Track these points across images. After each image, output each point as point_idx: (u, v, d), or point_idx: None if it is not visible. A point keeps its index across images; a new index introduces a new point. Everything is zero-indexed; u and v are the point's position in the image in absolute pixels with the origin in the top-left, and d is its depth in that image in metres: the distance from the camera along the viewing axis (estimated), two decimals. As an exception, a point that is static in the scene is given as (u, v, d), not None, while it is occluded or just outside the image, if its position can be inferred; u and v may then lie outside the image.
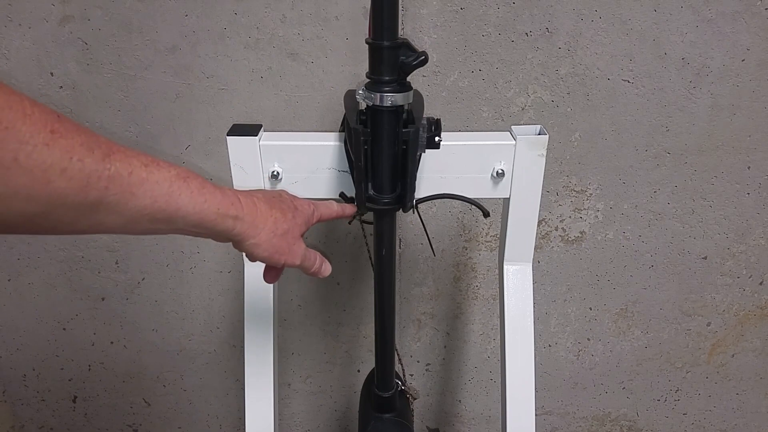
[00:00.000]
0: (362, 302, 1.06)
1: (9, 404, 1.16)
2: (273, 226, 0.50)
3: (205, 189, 0.44)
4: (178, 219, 0.42)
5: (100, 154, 0.35)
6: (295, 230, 0.53)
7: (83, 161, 0.34)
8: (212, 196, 0.44)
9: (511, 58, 0.86)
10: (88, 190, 0.35)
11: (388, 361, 0.75)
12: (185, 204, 0.42)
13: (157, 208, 0.40)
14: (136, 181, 0.38)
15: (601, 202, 0.98)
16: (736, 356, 1.14)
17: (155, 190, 0.39)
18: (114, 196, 0.37)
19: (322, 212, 0.60)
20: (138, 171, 0.38)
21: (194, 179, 0.43)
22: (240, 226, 0.47)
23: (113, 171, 0.36)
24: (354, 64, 0.86)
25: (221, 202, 0.45)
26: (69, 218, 0.36)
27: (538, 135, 0.64)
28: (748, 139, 0.93)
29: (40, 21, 0.82)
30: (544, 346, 1.12)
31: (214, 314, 1.07)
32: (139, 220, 0.39)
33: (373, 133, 0.58)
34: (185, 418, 1.18)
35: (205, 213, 0.43)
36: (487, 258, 1.02)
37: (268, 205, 0.51)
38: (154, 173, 0.39)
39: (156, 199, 0.40)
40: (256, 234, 0.49)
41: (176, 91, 0.87)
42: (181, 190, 0.41)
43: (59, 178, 0.33)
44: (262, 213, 0.49)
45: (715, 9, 0.83)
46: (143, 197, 0.39)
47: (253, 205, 0.49)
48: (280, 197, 0.55)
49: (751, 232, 1.02)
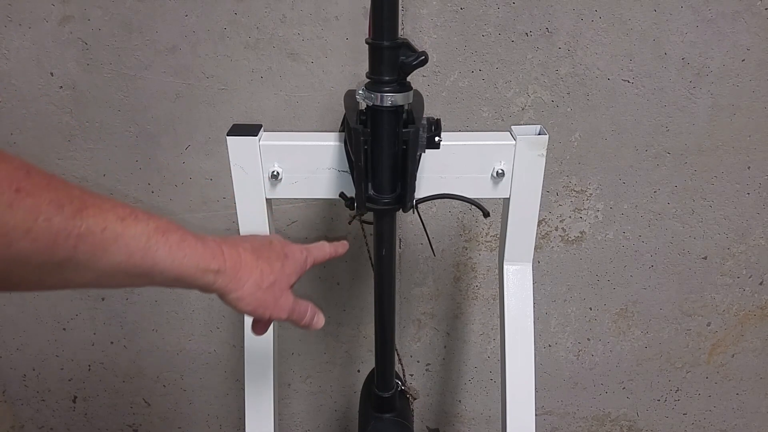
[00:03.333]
0: (362, 302, 1.06)
1: (9, 404, 1.16)
2: (258, 278, 0.48)
3: (185, 243, 0.41)
4: (155, 274, 0.40)
5: (70, 211, 0.33)
6: (283, 281, 0.51)
7: (50, 220, 0.32)
8: (192, 250, 0.42)
9: (511, 58, 0.86)
10: (55, 250, 0.33)
11: (388, 361, 0.75)
12: (163, 259, 0.39)
13: (132, 264, 0.38)
14: (110, 237, 0.36)
15: (601, 202, 0.98)
16: (736, 356, 1.14)
17: (131, 245, 0.37)
18: (84, 254, 0.35)
19: (316, 256, 0.57)
20: (113, 226, 0.36)
21: (174, 232, 0.41)
22: (221, 280, 0.45)
23: (84, 228, 0.34)
24: (354, 64, 0.86)
25: (202, 256, 0.43)
26: (34, 276, 0.34)
27: (538, 135, 0.64)
28: (748, 139, 0.93)
29: (40, 21, 0.82)
30: (544, 346, 1.12)
31: (214, 314, 1.07)
32: (112, 275, 0.37)
33: (373, 133, 0.58)
34: (185, 418, 1.18)
35: (185, 268, 0.41)
36: (487, 258, 1.02)
37: (255, 255, 0.48)
38: (130, 227, 0.37)
39: (131, 255, 0.37)
40: (238, 287, 0.46)
41: (176, 91, 0.87)
42: (159, 245, 0.39)
43: (22, 239, 0.31)
44: (246, 265, 0.47)
45: (715, 9, 0.83)
46: (117, 253, 0.37)
47: (237, 257, 0.46)
48: (269, 245, 0.52)
49: (751, 232, 1.02)
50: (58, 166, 0.93)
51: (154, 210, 0.96)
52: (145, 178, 0.94)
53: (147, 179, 0.94)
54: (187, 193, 0.95)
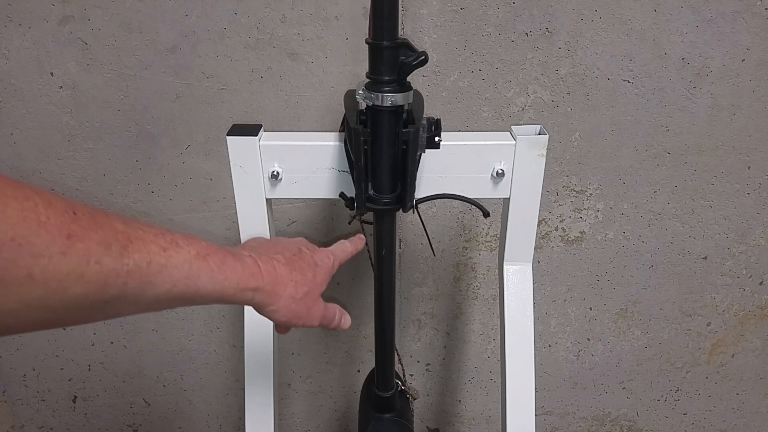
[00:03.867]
0: (362, 302, 1.06)
1: (9, 404, 1.16)
2: (293, 290, 0.49)
3: (225, 264, 0.42)
4: (197, 299, 0.41)
5: (118, 249, 0.34)
6: (315, 290, 0.53)
7: (101, 262, 0.32)
8: (232, 272, 0.43)
9: (511, 58, 0.86)
10: (107, 289, 0.33)
11: (388, 361, 0.75)
12: (205, 284, 0.40)
13: (177, 292, 0.38)
14: (155, 270, 0.36)
15: (601, 202, 0.98)
16: (736, 356, 1.14)
17: (174, 274, 0.38)
18: (132, 290, 0.35)
19: (341, 258, 0.59)
20: (157, 258, 0.36)
21: (214, 255, 0.42)
22: (259, 296, 0.47)
23: (132, 265, 0.34)
24: (354, 64, 0.86)
25: (241, 276, 0.44)
26: (81, 316, 0.34)
27: (538, 135, 0.64)
28: (748, 139, 0.93)
29: (40, 21, 0.82)
30: (544, 346, 1.12)
31: (214, 314, 1.07)
32: (155, 305, 0.38)
33: (373, 133, 0.58)
34: (185, 418, 1.18)
35: (226, 290, 0.42)
36: (487, 258, 1.02)
37: (289, 267, 0.50)
38: (173, 257, 0.38)
39: (175, 284, 0.38)
40: (275, 301, 0.48)
41: (176, 91, 0.87)
42: (201, 271, 0.40)
43: (76, 285, 0.31)
44: (282, 278, 0.49)
45: (715, 9, 0.83)
46: (162, 284, 0.37)
47: (273, 271, 0.48)
48: (300, 254, 0.53)
49: (751, 232, 1.02)
50: (58, 166, 0.93)
51: (154, 210, 0.96)
52: (145, 178, 0.94)
53: (147, 179, 0.94)
54: (187, 193, 0.95)
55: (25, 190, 0.29)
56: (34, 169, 0.93)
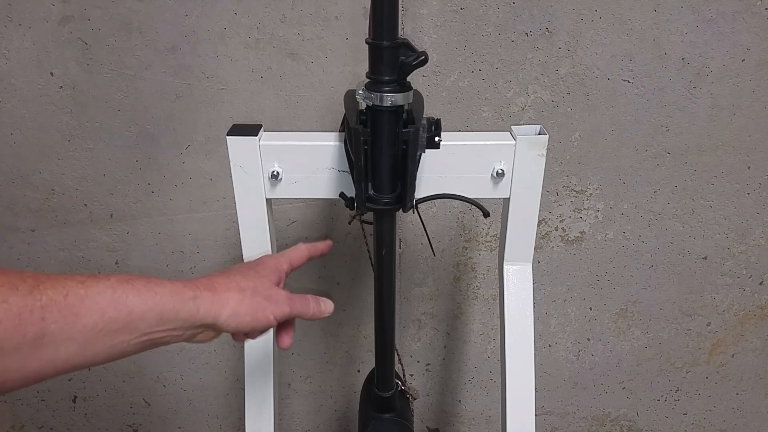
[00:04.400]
0: (362, 302, 1.06)
1: (9, 404, 1.16)
2: (237, 289, 0.48)
3: (151, 283, 0.42)
4: (136, 322, 0.40)
5: (26, 288, 0.34)
6: (264, 282, 0.51)
7: (8, 301, 0.33)
8: (161, 288, 0.42)
9: (511, 58, 0.86)
10: (24, 328, 0.33)
11: (388, 361, 0.75)
12: (136, 304, 0.39)
13: (109, 319, 0.38)
14: (75, 300, 0.36)
15: (601, 202, 0.98)
16: (736, 356, 1.14)
17: (99, 301, 0.37)
18: (55, 324, 0.35)
19: (291, 257, 0.58)
20: (74, 290, 0.36)
21: (137, 279, 0.41)
22: (204, 304, 0.44)
23: (45, 300, 0.35)
24: (354, 64, 0.86)
25: (172, 289, 0.43)
26: (16, 363, 0.34)
27: (538, 135, 0.64)
28: (748, 139, 0.93)
29: (40, 21, 0.82)
30: (544, 346, 1.12)
31: (214, 314, 1.07)
32: (95, 339, 0.37)
33: (373, 133, 0.58)
34: (185, 418, 1.18)
35: (161, 305, 0.41)
36: (487, 258, 1.02)
37: (224, 275, 0.49)
38: (92, 287, 0.38)
39: (104, 311, 0.38)
40: (224, 304, 0.46)
41: (176, 91, 0.87)
42: (127, 292, 0.39)
43: None
44: (220, 284, 0.47)
45: (715, 9, 0.83)
46: (89, 313, 0.37)
47: (207, 281, 0.47)
48: (238, 265, 0.54)
49: (751, 232, 1.02)
50: (58, 166, 0.93)
51: (154, 210, 0.96)
52: (145, 178, 0.94)
53: (147, 179, 0.94)
54: (187, 193, 0.95)
55: None
56: (34, 169, 0.93)
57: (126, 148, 0.92)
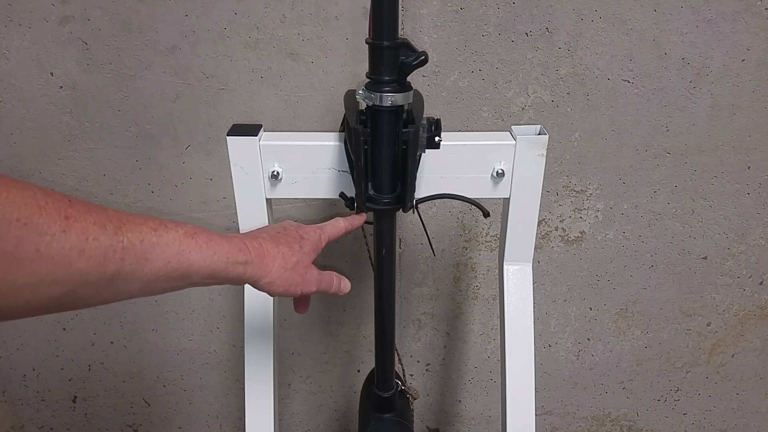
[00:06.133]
0: (362, 302, 1.06)
1: (9, 404, 1.16)
2: (282, 261, 0.52)
3: (212, 242, 0.46)
4: (192, 274, 0.44)
5: (112, 229, 0.38)
6: (305, 259, 0.55)
7: (98, 239, 0.37)
8: (220, 247, 0.46)
9: (511, 58, 0.86)
10: (107, 265, 0.37)
11: (388, 361, 0.75)
12: (196, 259, 0.44)
13: (171, 268, 0.42)
14: (148, 247, 0.40)
15: (601, 202, 0.98)
16: (736, 356, 1.14)
17: (166, 251, 0.42)
18: (130, 265, 0.39)
19: (330, 232, 0.61)
20: (149, 237, 0.40)
21: (201, 234, 0.45)
22: (251, 270, 0.50)
23: (126, 242, 0.38)
24: (354, 64, 0.86)
25: (229, 251, 0.47)
26: (92, 293, 0.38)
27: (538, 135, 0.64)
28: (748, 139, 0.93)
29: (40, 21, 0.82)
30: (544, 346, 1.12)
31: (214, 314, 1.07)
32: (156, 282, 0.42)
33: (373, 133, 0.58)
34: (185, 418, 1.18)
35: (216, 264, 0.46)
36: (487, 258, 1.02)
37: (274, 242, 0.53)
38: (163, 236, 0.42)
39: (169, 260, 0.42)
40: (267, 273, 0.51)
41: (176, 91, 0.87)
42: (191, 247, 0.44)
43: (79, 259, 0.35)
44: (269, 252, 0.52)
45: (715, 9, 0.83)
46: (156, 260, 0.41)
47: (259, 247, 0.51)
48: (284, 231, 0.56)
49: (751, 232, 1.02)
50: (58, 166, 0.93)
51: (154, 211, 0.96)
52: (145, 178, 0.94)
53: (147, 179, 0.94)
54: (187, 193, 0.95)
55: (23, 183, 0.34)
56: (34, 169, 0.93)
57: (126, 148, 0.92)
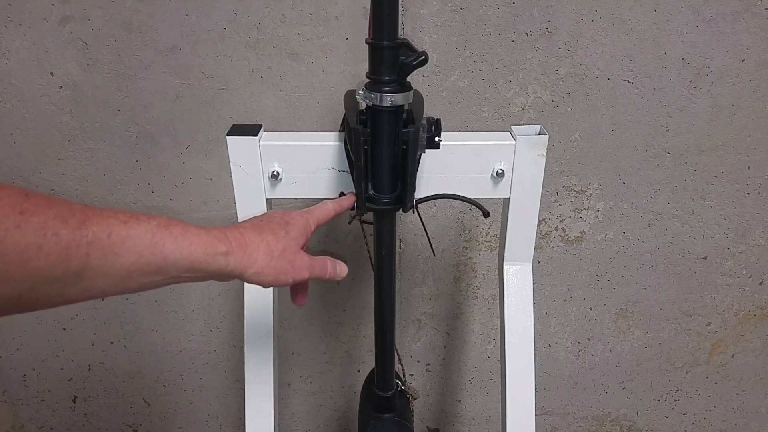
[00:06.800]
0: (362, 302, 1.06)
1: (9, 404, 1.16)
2: (267, 249, 0.50)
3: (188, 233, 0.43)
4: (168, 267, 0.41)
5: (75, 223, 0.35)
6: (292, 245, 0.53)
7: (58, 234, 0.34)
8: (197, 238, 0.44)
9: (511, 58, 0.86)
10: (69, 261, 0.35)
11: (388, 361, 0.75)
12: (171, 251, 0.41)
13: (144, 262, 0.40)
14: (117, 240, 0.38)
15: (601, 202, 0.98)
16: (736, 356, 1.14)
17: (138, 244, 0.39)
18: (97, 261, 0.36)
19: (318, 216, 0.59)
20: (117, 230, 0.38)
21: (176, 225, 0.42)
22: (233, 261, 0.47)
23: (91, 236, 0.36)
24: (354, 64, 0.86)
25: (207, 242, 0.44)
26: (56, 291, 0.35)
27: (538, 135, 0.64)
28: (748, 139, 0.93)
29: (40, 21, 0.82)
30: (544, 346, 1.12)
31: (214, 314, 1.07)
32: (129, 277, 0.39)
33: (373, 133, 0.58)
34: (185, 418, 1.18)
35: (194, 256, 0.43)
36: (487, 258, 1.02)
37: (257, 231, 0.51)
38: (134, 228, 0.39)
39: (141, 254, 0.39)
40: (252, 263, 0.48)
41: (176, 91, 0.87)
42: (165, 239, 0.41)
43: (37, 256, 0.33)
44: (252, 242, 0.49)
45: (715, 9, 0.83)
46: (127, 254, 0.38)
47: (241, 237, 0.48)
48: (268, 218, 0.54)
49: (751, 232, 1.02)
50: (58, 166, 0.93)
51: (154, 210, 0.96)
52: (145, 178, 0.94)
53: (147, 179, 0.94)
54: (187, 193, 0.95)
55: None
56: (34, 169, 0.93)
57: (126, 148, 0.92)
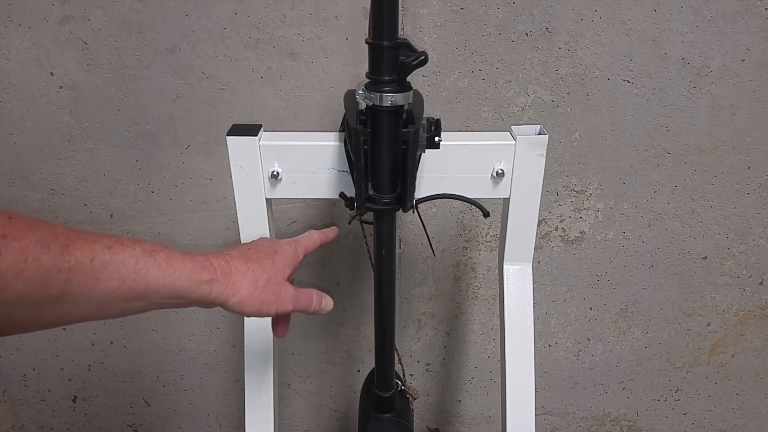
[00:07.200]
0: (362, 302, 1.06)
1: (9, 404, 1.16)
2: (252, 279, 0.49)
3: (173, 259, 0.43)
4: (150, 294, 0.41)
5: (57, 248, 0.35)
6: (278, 276, 0.52)
7: (39, 259, 0.34)
8: (182, 266, 0.43)
9: (511, 58, 0.86)
10: (48, 286, 0.34)
11: (388, 361, 0.75)
12: (154, 278, 0.41)
13: (127, 288, 0.39)
14: (99, 266, 0.37)
15: (601, 202, 0.98)
16: (736, 356, 1.14)
17: (121, 270, 0.39)
18: (77, 286, 0.36)
19: (306, 245, 0.59)
20: (101, 255, 0.38)
21: (161, 251, 0.42)
22: (217, 289, 0.46)
23: (73, 262, 0.36)
24: (354, 64, 0.86)
25: (191, 270, 0.44)
26: (34, 315, 0.35)
27: (538, 135, 0.64)
28: (748, 139, 0.93)
29: (40, 21, 0.82)
30: (544, 346, 1.12)
31: (214, 314, 1.07)
32: (110, 302, 0.39)
33: (373, 133, 0.58)
34: (185, 418, 1.18)
35: (177, 283, 0.43)
36: (487, 258, 1.02)
37: (243, 259, 0.50)
38: (118, 254, 0.39)
39: (124, 280, 0.39)
40: (235, 292, 0.48)
41: (176, 91, 0.87)
42: (149, 266, 0.41)
43: (15, 281, 0.33)
44: (237, 270, 0.49)
45: (715, 9, 0.83)
46: (109, 280, 0.38)
47: (226, 265, 0.48)
48: (256, 247, 0.54)
49: (751, 232, 1.02)
50: (58, 166, 0.93)
51: (154, 210, 0.96)
52: (145, 178, 0.94)
53: (147, 179, 0.94)
54: (187, 193, 0.95)
55: None
56: (34, 169, 0.93)
57: (126, 148, 0.92)
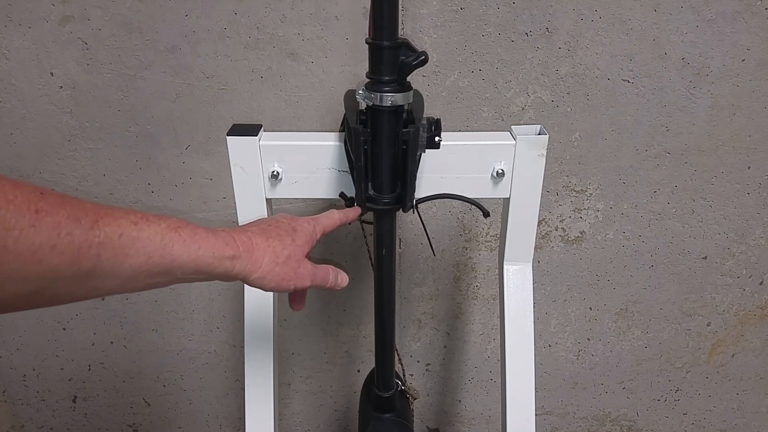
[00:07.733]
0: (362, 302, 1.06)
1: (9, 404, 1.16)
2: (273, 256, 0.50)
3: (197, 235, 0.44)
4: (175, 269, 0.42)
5: (88, 223, 0.36)
6: (298, 253, 0.53)
7: (72, 234, 0.34)
8: (205, 242, 0.44)
9: (511, 58, 0.86)
10: (81, 261, 0.35)
11: (388, 361, 0.75)
12: (180, 254, 0.42)
13: (153, 264, 0.40)
14: (127, 241, 0.38)
15: (601, 202, 0.98)
16: (736, 356, 1.14)
17: (148, 246, 0.40)
18: (107, 261, 0.37)
19: (325, 224, 0.59)
20: (128, 231, 0.38)
21: (185, 228, 0.43)
22: (239, 265, 0.47)
23: (103, 237, 0.36)
24: (354, 64, 0.86)
25: (215, 246, 0.45)
26: (66, 290, 0.36)
27: (538, 135, 0.64)
28: (748, 139, 0.93)
29: (40, 21, 0.82)
30: (544, 346, 1.12)
31: (214, 314, 1.07)
32: (136, 278, 0.40)
33: (373, 133, 0.58)
34: (185, 418, 1.18)
35: (201, 259, 0.44)
36: (487, 258, 1.02)
37: (264, 236, 0.51)
38: (144, 230, 0.40)
39: (150, 255, 0.40)
40: (257, 268, 0.49)
41: (176, 91, 0.87)
42: (174, 242, 0.41)
43: (50, 255, 0.33)
44: (258, 246, 0.50)
45: (715, 9, 0.83)
46: (137, 256, 0.39)
47: (248, 241, 0.49)
48: (276, 223, 0.55)
49: (751, 232, 1.02)
50: (58, 166, 0.93)
51: (154, 210, 0.96)
52: (145, 178, 0.94)
53: (147, 179, 0.94)
54: (187, 193, 0.95)
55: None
56: (34, 169, 0.93)
57: (126, 148, 0.92)
